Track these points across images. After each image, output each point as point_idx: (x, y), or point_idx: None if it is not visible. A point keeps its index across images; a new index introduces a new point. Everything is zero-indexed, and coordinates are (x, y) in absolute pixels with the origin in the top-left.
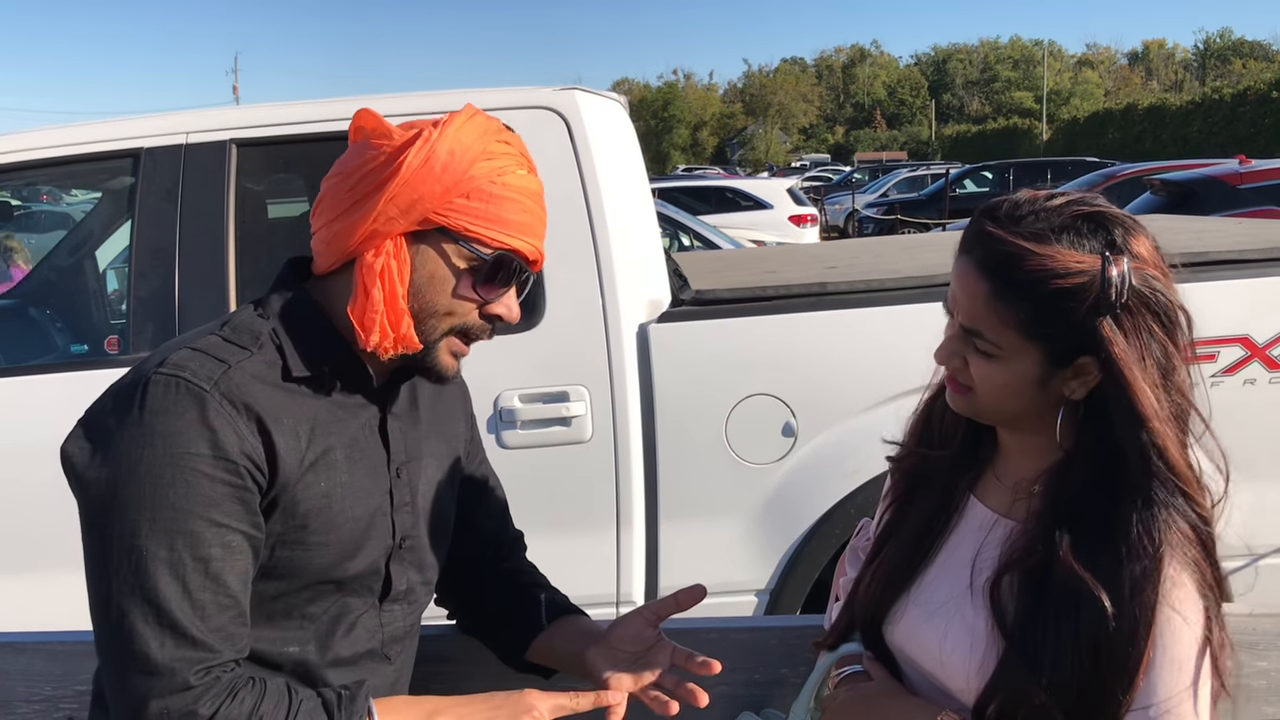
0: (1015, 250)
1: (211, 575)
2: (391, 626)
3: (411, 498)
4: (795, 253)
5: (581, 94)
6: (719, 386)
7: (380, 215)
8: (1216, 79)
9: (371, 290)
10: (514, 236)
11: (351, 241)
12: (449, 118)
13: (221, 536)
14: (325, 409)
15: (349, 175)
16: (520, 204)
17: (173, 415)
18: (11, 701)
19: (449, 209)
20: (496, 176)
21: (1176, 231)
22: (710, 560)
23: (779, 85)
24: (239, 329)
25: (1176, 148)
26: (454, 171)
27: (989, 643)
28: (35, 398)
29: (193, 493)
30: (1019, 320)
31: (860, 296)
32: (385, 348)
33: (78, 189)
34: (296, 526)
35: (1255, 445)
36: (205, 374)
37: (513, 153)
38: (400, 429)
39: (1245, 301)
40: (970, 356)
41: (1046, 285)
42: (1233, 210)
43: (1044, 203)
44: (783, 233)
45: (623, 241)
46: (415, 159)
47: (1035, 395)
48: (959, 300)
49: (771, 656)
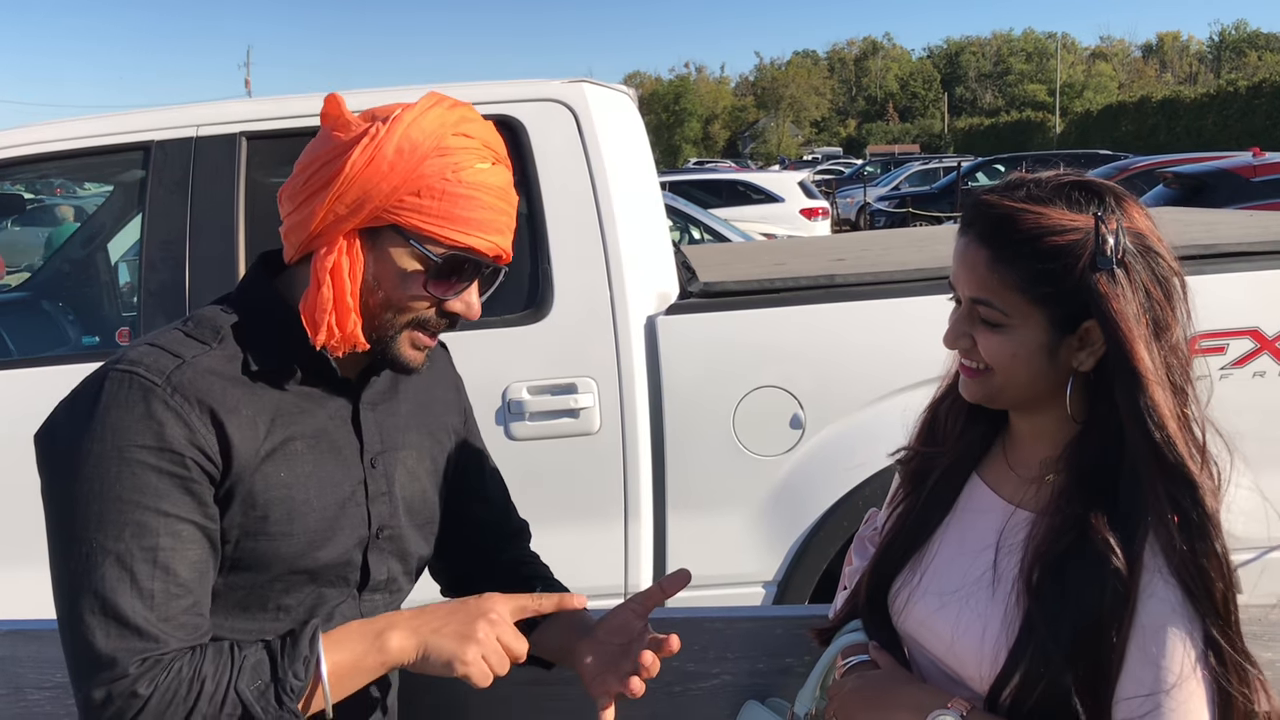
0: (1010, 211)
1: (160, 565)
2: (372, 616)
3: (389, 487)
4: (803, 245)
5: (590, 87)
6: (727, 379)
7: (329, 212)
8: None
9: (322, 287)
10: (470, 234)
11: (306, 235)
12: (401, 112)
13: (170, 526)
14: (289, 400)
15: (306, 166)
16: (477, 200)
17: (122, 409)
18: (23, 688)
19: (399, 207)
20: (451, 173)
21: (1187, 224)
22: (718, 552)
23: (791, 78)
24: (200, 323)
25: (1191, 141)
26: (402, 169)
27: (1003, 629)
28: (47, 390)
29: (139, 484)
30: (1019, 281)
31: (868, 289)
32: (333, 346)
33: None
34: (258, 517)
35: (1265, 438)
36: (159, 368)
37: (472, 146)
38: (375, 420)
39: (1255, 294)
40: (978, 333)
41: (1042, 242)
42: (1246, 203)
43: (1038, 178)
44: (794, 226)
45: (631, 234)
46: (360, 158)
47: (1045, 367)
48: (961, 276)
49: (777, 646)
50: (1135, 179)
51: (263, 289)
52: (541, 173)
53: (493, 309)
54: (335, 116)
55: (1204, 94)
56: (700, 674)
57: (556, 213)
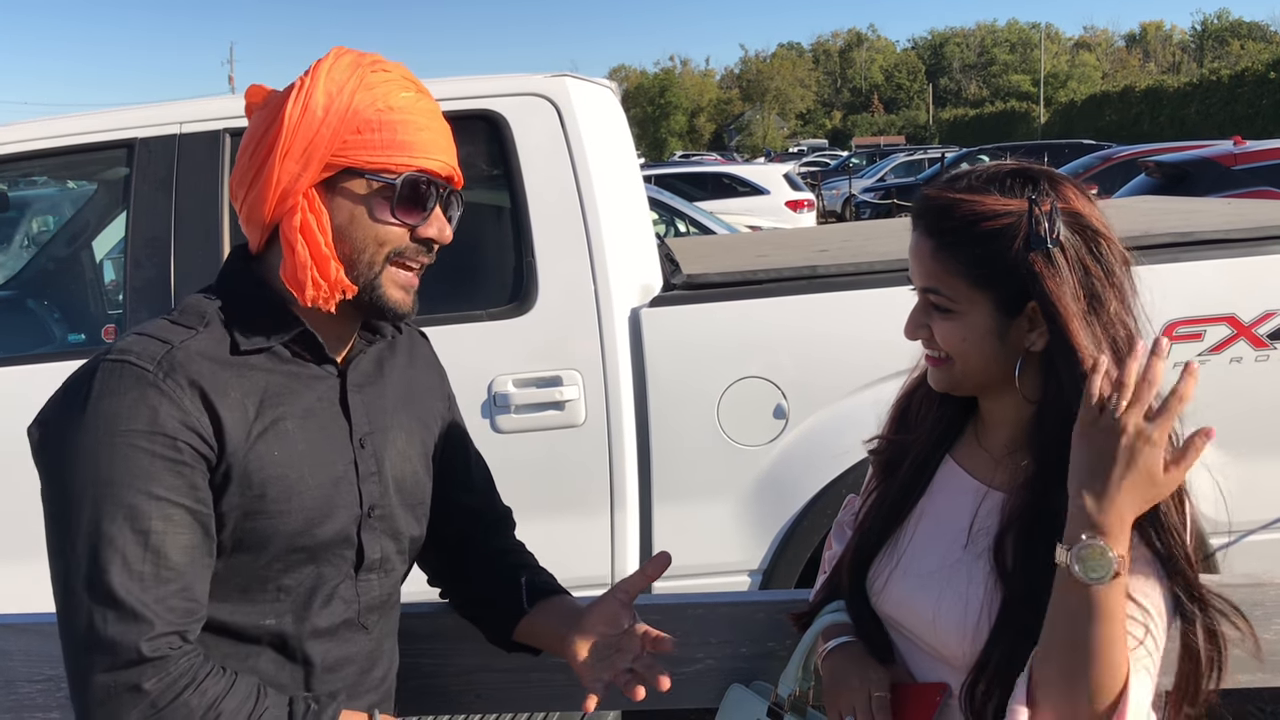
0: (949, 202)
1: (152, 548)
2: (368, 596)
3: (378, 467)
4: (786, 237)
5: (572, 81)
6: (711, 370)
7: (282, 175)
8: (1214, 60)
9: (296, 247)
10: (418, 156)
11: (265, 209)
12: (315, 65)
13: (162, 510)
14: (277, 381)
15: (246, 147)
16: (414, 123)
17: (114, 397)
18: (14, 681)
19: (345, 148)
20: (382, 104)
21: (1166, 212)
22: (703, 541)
23: (776, 71)
24: (186, 310)
25: (1174, 130)
26: (337, 110)
27: (984, 606)
28: (34, 386)
29: (131, 468)
30: (961, 268)
31: (850, 279)
32: (322, 298)
33: (73, 180)
34: (255, 496)
35: (1241, 423)
36: (149, 355)
37: (393, 79)
38: (363, 401)
39: (1231, 281)
40: (933, 322)
41: (978, 227)
42: (1227, 191)
43: (978, 170)
44: (780, 218)
45: (614, 227)
46: (294, 110)
47: (997, 350)
48: (913, 268)
49: (758, 630)
50: (1119, 168)
51: (243, 273)
52: (525, 167)
53: (477, 302)
54: (261, 96)
55: (1187, 83)
56: (684, 659)
57: (540, 207)
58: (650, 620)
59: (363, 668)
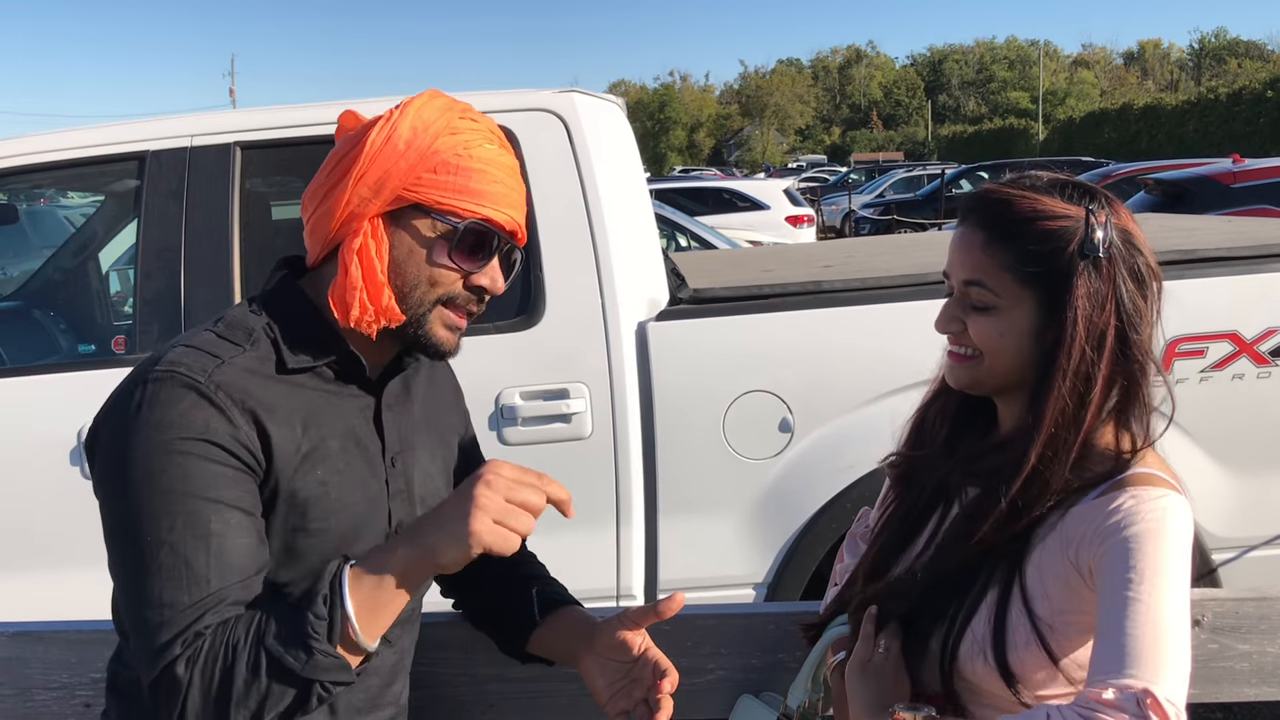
0: (1009, 197)
1: (213, 552)
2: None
3: (406, 486)
4: (791, 252)
5: (580, 96)
6: (717, 383)
7: (353, 197)
8: (1212, 78)
9: (350, 268)
10: (485, 206)
11: (331, 226)
12: (408, 100)
13: (220, 513)
14: (320, 400)
15: (327, 164)
16: (489, 174)
17: (166, 406)
18: (30, 689)
19: (418, 184)
20: (463, 149)
21: (1168, 230)
22: (708, 554)
23: (775, 86)
24: (233, 325)
25: (1172, 147)
26: (418, 147)
27: (996, 617)
28: (42, 398)
29: (186, 473)
30: (1012, 261)
31: (855, 294)
32: (366, 321)
33: (83, 192)
34: (298, 515)
35: (1244, 439)
36: (200, 367)
37: (479, 128)
38: (394, 419)
39: (1233, 298)
40: (969, 317)
41: (1036, 224)
42: (1226, 209)
43: (1036, 174)
44: (779, 233)
45: (621, 241)
46: (378, 137)
47: (1031, 351)
48: (956, 261)
49: (768, 641)
50: (1118, 185)
51: (289, 290)
52: (533, 181)
53: (486, 315)
54: (354, 121)
55: (1185, 101)
56: (695, 669)
57: (548, 221)
58: (661, 631)
59: (385, 681)
